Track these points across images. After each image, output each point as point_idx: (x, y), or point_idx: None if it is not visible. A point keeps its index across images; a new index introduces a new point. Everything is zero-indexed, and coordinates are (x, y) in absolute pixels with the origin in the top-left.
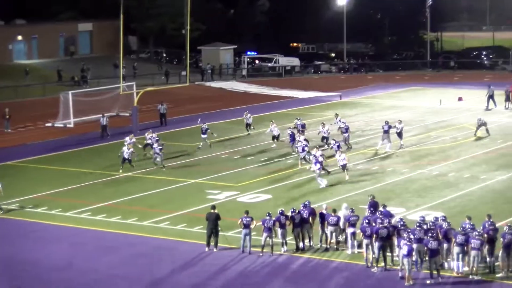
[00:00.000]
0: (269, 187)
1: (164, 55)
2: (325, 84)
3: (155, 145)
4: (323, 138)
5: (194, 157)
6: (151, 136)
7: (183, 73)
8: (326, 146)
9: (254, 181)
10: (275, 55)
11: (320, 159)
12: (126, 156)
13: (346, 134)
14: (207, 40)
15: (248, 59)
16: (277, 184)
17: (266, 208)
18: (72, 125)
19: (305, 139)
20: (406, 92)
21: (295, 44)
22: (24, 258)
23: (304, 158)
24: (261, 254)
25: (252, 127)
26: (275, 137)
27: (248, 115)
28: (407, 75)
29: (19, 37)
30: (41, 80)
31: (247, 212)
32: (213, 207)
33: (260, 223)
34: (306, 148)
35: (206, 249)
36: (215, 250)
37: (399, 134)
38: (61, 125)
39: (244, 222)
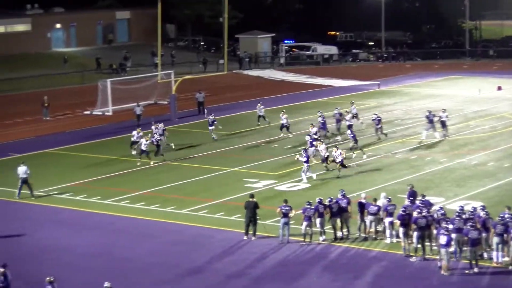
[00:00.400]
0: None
1: (202, 43)
2: (363, 72)
3: (155, 137)
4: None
5: (231, 146)
6: (158, 127)
7: (221, 61)
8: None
9: (292, 169)
10: (312, 44)
11: (340, 158)
12: (143, 148)
13: (378, 126)
14: (244, 29)
15: (286, 48)
16: (315, 173)
17: (304, 197)
18: (110, 113)
19: (315, 133)
20: (445, 81)
21: (333, 33)
22: (61, 245)
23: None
24: (303, 244)
25: (265, 119)
26: (283, 127)
27: (261, 106)
28: (445, 63)
29: (58, 25)
30: (80, 68)
31: (285, 201)
32: (252, 195)
33: (300, 211)
34: (314, 143)
35: (245, 237)
36: (253, 238)
37: (443, 123)
38: (100, 113)
39: (283, 211)
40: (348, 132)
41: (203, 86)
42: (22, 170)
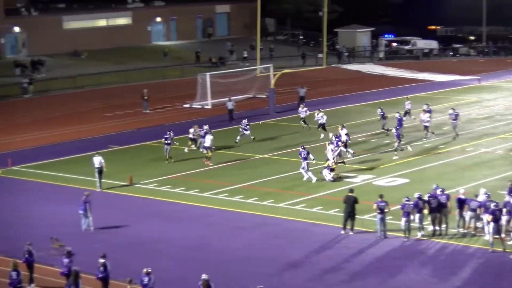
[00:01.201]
0: (406, 171)
1: (301, 37)
2: (463, 67)
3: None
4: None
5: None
6: (196, 131)
7: (320, 55)
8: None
9: (391, 164)
10: (412, 38)
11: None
12: (208, 144)
13: (456, 122)
14: (344, 22)
15: (385, 42)
16: (414, 168)
17: (403, 192)
18: (209, 107)
19: (346, 134)
20: None
21: (433, 27)
22: (160, 237)
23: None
24: (405, 240)
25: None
26: (321, 125)
27: (321, 114)
28: None
29: (158, 19)
30: (179, 61)
31: (381, 196)
32: (351, 190)
33: (399, 207)
34: (340, 143)
35: (342, 232)
36: (350, 233)
37: None
38: (199, 106)
39: (380, 206)
40: (393, 130)
41: (301, 80)
42: (97, 160)
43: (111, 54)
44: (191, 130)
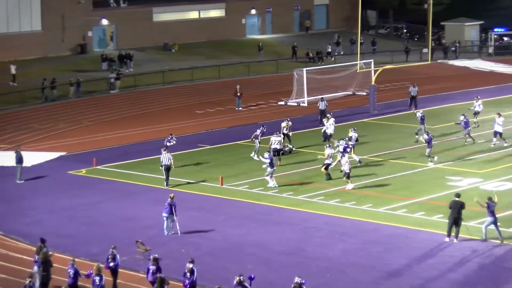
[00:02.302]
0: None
1: (405, 30)
2: None
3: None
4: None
5: (437, 140)
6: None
7: (425, 50)
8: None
9: (500, 167)
10: None
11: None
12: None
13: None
14: (451, 15)
15: (495, 36)
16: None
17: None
18: (305, 104)
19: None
20: None
21: None
22: (254, 240)
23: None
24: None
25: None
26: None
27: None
28: None
29: (253, 11)
30: (275, 56)
31: (490, 199)
32: (458, 195)
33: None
34: (348, 149)
35: (447, 239)
36: (455, 241)
37: None
38: (295, 104)
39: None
40: (341, 142)
41: (405, 77)
42: (165, 157)
43: (203, 48)
44: (283, 124)
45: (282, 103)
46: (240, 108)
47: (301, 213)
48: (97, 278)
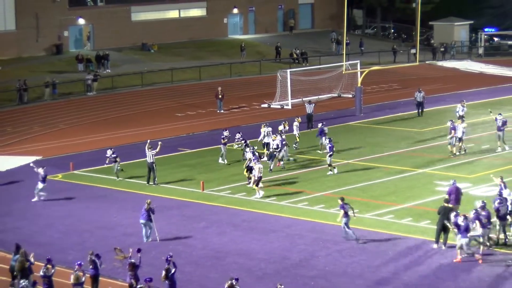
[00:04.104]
0: (506, 180)
1: (392, 30)
2: None
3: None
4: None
5: (421, 145)
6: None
7: (413, 51)
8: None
9: (490, 172)
10: None
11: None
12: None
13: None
14: (440, 15)
15: (486, 36)
16: None
17: None
18: (289, 107)
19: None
20: None
21: None
22: (237, 248)
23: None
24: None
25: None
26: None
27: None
28: None
29: (235, 10)
30: (258, 56)
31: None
32: (447, 200)
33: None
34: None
35: (435, 246)
36: (443, 247)
37: None
38: (278, 107)
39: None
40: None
41: (392, 78)
42: (149, 155)
43: (183, 49)
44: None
45: (266, 105)
46: (222, 111)
47: (285, 219)
48: None
